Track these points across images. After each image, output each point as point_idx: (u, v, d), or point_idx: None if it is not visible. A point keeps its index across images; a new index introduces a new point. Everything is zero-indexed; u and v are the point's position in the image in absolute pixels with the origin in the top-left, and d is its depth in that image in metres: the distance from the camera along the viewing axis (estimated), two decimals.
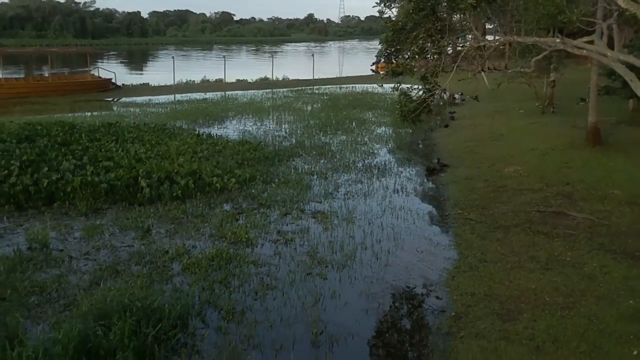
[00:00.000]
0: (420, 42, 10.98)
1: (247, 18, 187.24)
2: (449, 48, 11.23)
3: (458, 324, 7.44)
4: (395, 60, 12.41)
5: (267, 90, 35.44)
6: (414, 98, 12.24)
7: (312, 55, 49.22)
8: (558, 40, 10.57)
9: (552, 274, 8.72)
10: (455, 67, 11.38)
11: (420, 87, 13.01)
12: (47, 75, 38.16)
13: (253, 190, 13.23)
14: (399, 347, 7.06)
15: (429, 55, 11.69)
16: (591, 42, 11.86)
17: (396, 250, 10.03)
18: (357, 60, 70.97)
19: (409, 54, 11.75)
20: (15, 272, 8.63)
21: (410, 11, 10.99)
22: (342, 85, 39.23)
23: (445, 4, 10.76)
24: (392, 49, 12.09)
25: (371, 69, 51.55)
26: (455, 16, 11.09)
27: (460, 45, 11.58)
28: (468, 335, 7.13)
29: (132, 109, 26.79)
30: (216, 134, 19.60)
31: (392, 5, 12.50)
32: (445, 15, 11.20)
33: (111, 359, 6.21)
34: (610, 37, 30.85)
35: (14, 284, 8.13)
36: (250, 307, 7.87)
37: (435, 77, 12.00)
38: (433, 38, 11.12)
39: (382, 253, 9.87)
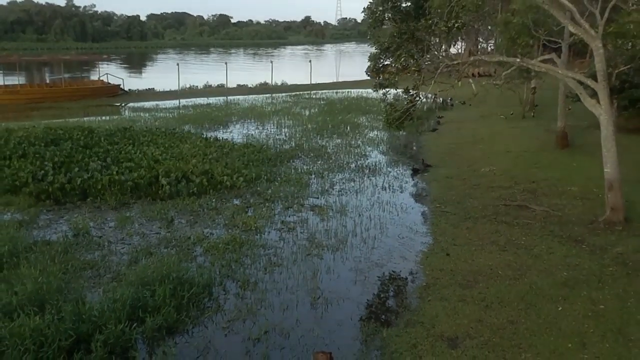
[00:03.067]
0: (403, 60, 12.90)
1: (245, 20, 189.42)
2: (428, 64, 13.05)
3: (427, 291, 9.36)
4: (382, 74, 14.35)
5: (267, 95, 37.41)
6: (398, 108, 14.18)
7: (310, 61, 51.13)
8: (518, 60, 12.51)
9: (507, 254, 10.66)
10: (433, 82, 13.27)
11: (404, 97, 14.93)
12: (47, 81, 40.18)
13: (259, 188, 15.14)
14: (380, 307, 8.98)
15: (409, 74, 13.61)
16: (551, 59, 13.79)
17: (381, 237, 11.96)
18: (353, 64, 72.96)
19: (393, 70, 13.68)
20: (67, 253, 10.51)
21: (394, 34, 12.92)
22: (338, 91, 41.18)
23: (423, 29, 12.69)
24: (380, 66, 14.02)
25: (366, 73, 53.63)
26: (432, 39, 12.95)
27: (438, 62, 13.44)
28: (434, 299, 9.05)
29: (141, 114, 28.66)
30: (222, 138, 21.50)
31: (380, 29, 14.41)
32: (424, 37, 13.11)
33: (157, 314, 8.10)
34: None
35: (70, 262, 10.00)
36: (261, 279, 9.78)
37: (416, 89, 13.95)
38: (414, 57, 13.05)
39: (370, 239, 11.80)
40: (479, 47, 64.92)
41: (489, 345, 7.57)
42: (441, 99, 35.96)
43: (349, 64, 77.66)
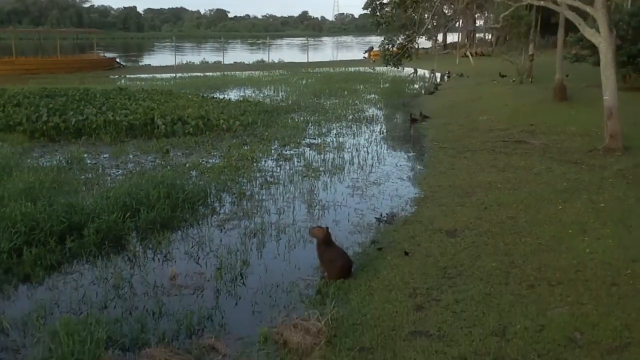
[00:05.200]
0: None
1: (242, 15, 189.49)
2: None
3: (425, 200, 9.26)
4: (379, 12, 14.23)
5: (264, 71, 37.19)
6: (396, 45, 14.04)
7: (307, 39, 50.97)
8: None
9: (506, 173, 10.57)
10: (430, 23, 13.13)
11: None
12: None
13: (255, 131, 15.02)
14: (377, 212, 8.83)
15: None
16: None
17: (379, 165, 11.86)
18: (351, 52, 72.67)
19: (392, 5, 13.54)
20: (61, 174, 10.33)
21: None
22: (336, 68, 40.99)
23: None
24: (378, 3, 13.89)
25: (364, 56, 53.59)
26: None
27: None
28: (432, 205, 8.95)
29: (138, 82, 28.48)
30: (218, 97, 21.37)
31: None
32: None
33: (152, 210, 7.98)
34: None
35: (63, 179, 9.81)
36: (257, 193, 9.66)
37: (413, 25, 13.83)
38: None
39: (367, 166, 11.69)
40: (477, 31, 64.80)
41: (489, 233, 7.47)
42: (439, 74, 35.88)
43: (346, 52, 77.31)
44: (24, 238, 6.83)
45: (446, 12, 42.53)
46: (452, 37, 70.94)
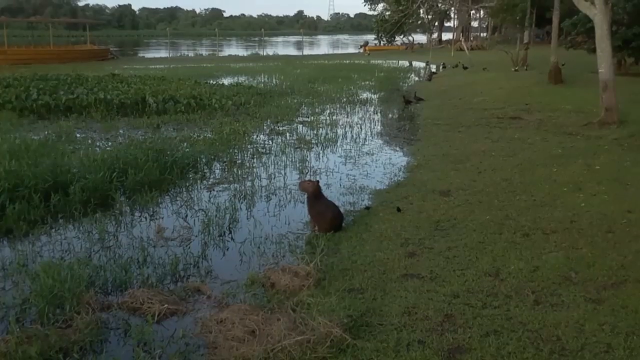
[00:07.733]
0: None
1: (237, 15, 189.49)
2: None
3: (419, 167, 9.12)
4: None
5: (259, 62, 37.01)
6: (389, 19, 13.89)
7: (302, 34, 50.78)
8: None
9: (500, 143, 10.45)
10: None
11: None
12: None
13: (248, 110, 14.85)
14: (368, 177, 8.70)
15: None
16: None
17: (372, 139, 11.73)
18: (346, 50, 72.44)
19: None
20: (46, 146, 10.12)
21: None
22: (331, 60, 40.82)
23: None
24: None
25: (359, 51, 53.54)
26: None
27: None
28: (426, 170, 8.81)
29: (131, 72, 28.23)
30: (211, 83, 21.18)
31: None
32: None
33: (140, 172, 7.82)
34: None
35: (50, 149, 9.62)
36: (249, 161, 9.52)
37: (406, 0, 13.69)
38: None
39: (360, 140, 11.55)
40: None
41: (483, 193, 7.35)
42: (434, 65, 35.78)
43: (342, 49, 77.12)
44: (8, 195, 6.65)
45: (440, 5, 42.60)
46: (447, 36, 70.99)
